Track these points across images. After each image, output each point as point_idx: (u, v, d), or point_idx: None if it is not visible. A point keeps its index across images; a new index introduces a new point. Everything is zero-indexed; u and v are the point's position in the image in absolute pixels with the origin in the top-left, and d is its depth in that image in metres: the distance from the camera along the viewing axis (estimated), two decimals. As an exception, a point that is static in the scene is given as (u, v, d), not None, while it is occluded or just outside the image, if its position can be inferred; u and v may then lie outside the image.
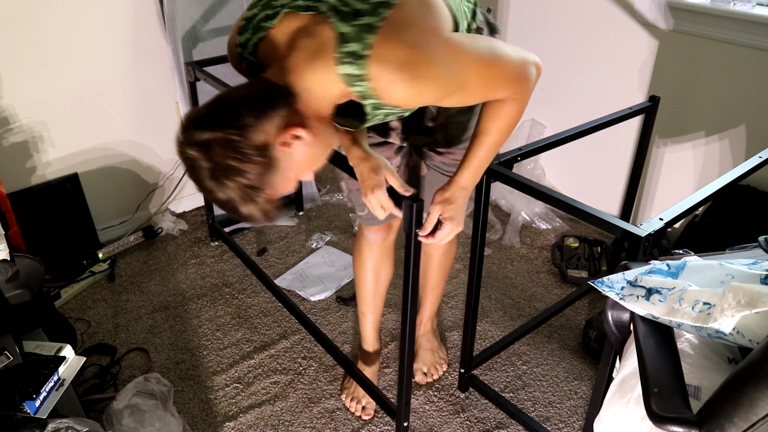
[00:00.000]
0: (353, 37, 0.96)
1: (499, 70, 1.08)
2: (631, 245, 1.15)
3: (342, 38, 0.97)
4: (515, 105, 1.15)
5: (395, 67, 0.96)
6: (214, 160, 0.92)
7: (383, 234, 1.60)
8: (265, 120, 0.95)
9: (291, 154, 0.99)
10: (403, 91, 0.98)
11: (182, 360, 1.93)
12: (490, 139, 1.20)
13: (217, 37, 2.29)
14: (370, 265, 1.66)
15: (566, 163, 2.58)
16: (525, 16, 2.55)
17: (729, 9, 1.89)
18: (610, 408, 0.91)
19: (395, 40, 0.96)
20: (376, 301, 1.73)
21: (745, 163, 1.38)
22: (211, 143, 0.92)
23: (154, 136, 2.46)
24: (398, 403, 1.55)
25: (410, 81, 0.97)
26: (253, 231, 2.57)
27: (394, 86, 0.98)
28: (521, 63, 1.10)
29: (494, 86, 1.10)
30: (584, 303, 2.15)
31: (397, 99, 1.01)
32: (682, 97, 2.12)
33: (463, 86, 1.04)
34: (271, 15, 1.06)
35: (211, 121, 0.94)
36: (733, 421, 0.69)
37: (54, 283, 2.20)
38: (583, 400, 1.79)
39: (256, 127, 0.94)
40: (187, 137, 0.94)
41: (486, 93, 1.12)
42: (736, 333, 0.78)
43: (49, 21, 2.06)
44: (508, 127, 1.19)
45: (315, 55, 0.99)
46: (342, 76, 0.98)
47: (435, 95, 1.03)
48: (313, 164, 1.06)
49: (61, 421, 1.26)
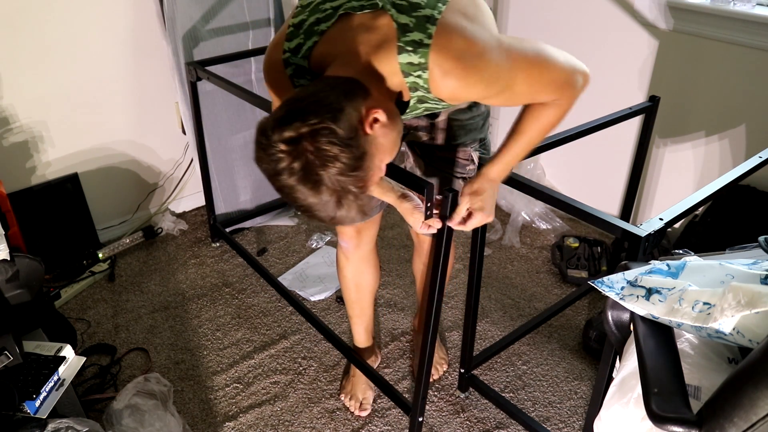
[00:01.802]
0: (415, 26, 0.99)
1: (547, 74, 1.09)
2: (631, 245, 1.15)
3: (403, 28, 1.00)
4: (557, 111, 1.16)
5: (453, 56, 0.99)
6: (306, 155, 0.89)
7: (354, 241, 1.60)
8: (348, 106, 0.94)
9: (374, 138, 0.97)
10: (456, 82, 1.01)
11: (182, 360, 1.93)
12: (525, 138, 1.22)
13: (217, 36, 2.29)
14: (348, 273, 1.68)
15: (566, 163, 2.58)
16: (525, 16, 2.55)
17: (729, 9, 1.89)
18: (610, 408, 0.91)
19: (455, 32, 0.99)
20: (361, 305, 1.75)
21: (745, 163, 1.37)
22: (301, 138, 0.89)
23: (154, 136, 2.46)
24: (414, 399, 1.55)
25: (465, 72, 1.00)
26: (253, 231, 2.57)
27: (448, 77, 1.01)
28: (569, 70, 1.11)
29: (540, 89, 1.11)
30: (584, 303, 2.15)
31: (447, 90, 1.03)
32: (682, 97, 2.12)
33: (510, 86, 1.06)
34: (322, 18, 1.07)
35: (295, 117, 0.91)
36: (733, 421, 0.69)
37: (54, 283, 2.20)
38: (583, 400, 1.79)
39: (342, 114, 0.92)
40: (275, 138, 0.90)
41: (531, 95, 1.13)
42: (736, 333, 0.78)
43: (49, 21, 2.06)
44: (544, 131, 1.20)
45: (377, 48, 1.02)
46: (402, 65, 1.01)
47: (483, 91, 1.05)
48: (393, 148, 1.04)
49: (61, 421, 1.26)
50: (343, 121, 0.91)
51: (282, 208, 2.63)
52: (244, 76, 2.38)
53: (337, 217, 0.95)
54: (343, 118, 0.92)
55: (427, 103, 1.12)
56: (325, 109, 0.91)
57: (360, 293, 1.71)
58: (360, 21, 1.04)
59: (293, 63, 1.12)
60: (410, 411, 1.59)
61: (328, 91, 0.95)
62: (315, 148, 0.89)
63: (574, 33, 2.38)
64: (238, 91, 1.87)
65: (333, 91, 0.95)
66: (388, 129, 1.00)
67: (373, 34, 1.02)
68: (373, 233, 1.62)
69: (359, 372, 1.77)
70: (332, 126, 0.90)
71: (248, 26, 2.35)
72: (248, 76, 2.40)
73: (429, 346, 1.44)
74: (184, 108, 2.31)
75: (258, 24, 2.36)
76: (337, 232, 1.63)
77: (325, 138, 0.89)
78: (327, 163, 0.90)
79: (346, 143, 0.90)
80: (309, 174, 0.90)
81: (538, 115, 1.18)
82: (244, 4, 2.31)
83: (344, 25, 1.06)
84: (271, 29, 2.39)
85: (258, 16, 2.35)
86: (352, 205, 0.94)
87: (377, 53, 1.02)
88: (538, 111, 1.18)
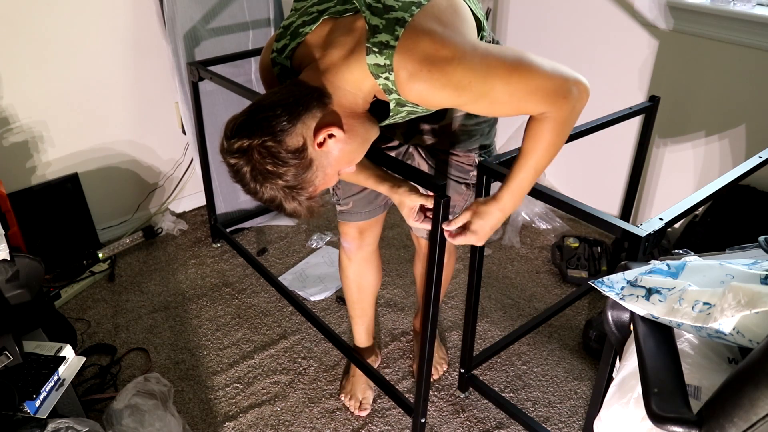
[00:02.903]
0: (384, 28, 1.00)
1: (530, 82, 1.02)
2: (631, 245, 1.15)
3: (374, 30, 1.00)
4: (552, 126, 1.08)
5: (419, 59, 0.99)
6: (254, 164, 0.98)
7: (357, 242, 1.60)
8: (300, 123, 1.00)
9: (327, 152, 1.04)
10: (421, 85, 1.00)
11: (182, 360, 1.93)
12: (530, 162, 1.14)
13: (217, 36, 2.29)
14: (350, 273, 1.67)
15: (566, 163, 2.58)
16: (525, 16, 2.55)
17: (729, 9, 1.89)
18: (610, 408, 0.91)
19: (422, 35, 0.99)
20: (362, 306, 1.74)
21: (745, 163, 1.37)
22: (249, 150, 0.98)
23: (154, 136, 2.46)
24: (416, 400, 1.55)
25: (430, 75, 0.99)
26: (253, 231, 2.57)
27: (414, 80, 1.00)
28: (558, 78, 1.03)
29: (523, 98, 1.04)
30: (584, 303, 2.15)
31: (416, 94, 1.02)
32: (682, 97, 2.12)
33: (487, 93, 1.02)
34: (308, 21, 1.10)
35: (249, 129, 0.99)
36: (733, 421, 0.69)
37: (54, 283, 2.20)
38: (583, 400, 1.79)
39: (291, 132, 0.99)
40: (229, 146, 1.00)
41: (515, 105, 1.06)
42: (736, 333, 0.78)
43: (49, 21, 2.06)
44: (547, 150, 1.12)
45: (351, 51, 1.04)
46: (369, 66, 1.02)
47: (453, 97, 1.02)
48: (351, 159, 1.10)
49: (61, 421, 1.26)
50: (293, 137, 0.99)
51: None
52: (245, 76, 2.38)
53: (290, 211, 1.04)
54: (292, 135, 0.99)
55: (407, 106, 1.11)
56: (273, 127, 0.98)
57: (362, 294, 1.71)
58: (340, 24, 1.07)
59: (279, 63, 1.16)
60: (412, 412, 1.59)
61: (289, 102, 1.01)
62: (261, 162, 0.98)
63: (574, 33, 2.38)
64: (240, 91, 1.87)
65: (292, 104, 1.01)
66: (343, 143, 1.05)
67: (348, 36, 1.05)
68: (376, 234, 1.62)
69: (359, 372, 1.77)
70: (276, 146, 0.98)
71: (248, 26, 2.35)
72: (248, 76, 2.40)
73: (429, 346, 1.44)
74: (185, 108, 2.31)
75: (258, 24, 2.36)
76: (339, 233, 1.63)
77: (269, 155, 0.98)
78: (270, 177, 0.99)
79: (289, 161, 0.99)
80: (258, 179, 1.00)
81: (534, 134, 1.11)
82: (244, 4, 2.31)
83: (326, 28, 1.09)
84: (271, 29, 2.39)
85: (258, 16, 2.35)
86: (304, 203, 1.04)
87: (350, 56, 1.04)
88: (534, 128, 1.11)
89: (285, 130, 0.98)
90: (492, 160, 1.39)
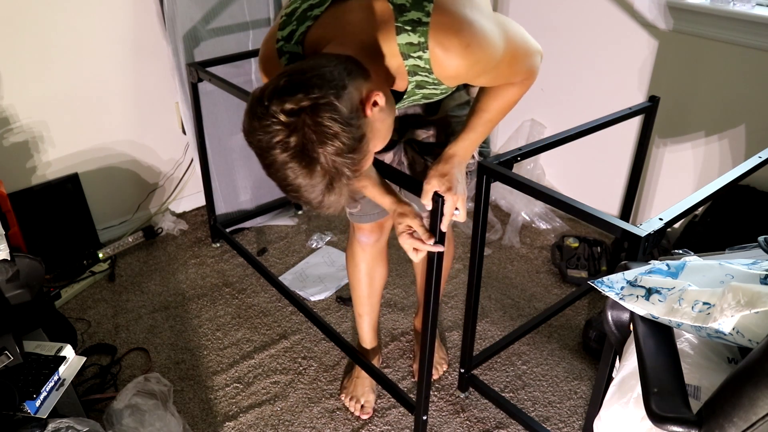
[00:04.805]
0: (411, 5, 0.98)
1: (528, 59, 1.13)
2: (631, 245, 1.15)
3: (400, 9, 0.98)
4: (520, 89, 1.19)
5: (455, 33, 0.98)
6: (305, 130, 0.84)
7: (375, 236, 1.60)
8: (350, 84, 0.90)
9: (372, 122, 0.94)
10: (458, 59, 1.00)
11: (182, 360, 1.93)
12: (488, 116, 1.23)
13: (217, 36, 2.29)
14: (364, 267, 1.66)
15: (566, 163, 2.58)
16: (524, 16, 2.55)
17: (729, 9, 1.89)
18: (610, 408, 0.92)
19: (452, 9, 0.99)
20: (371, 302, 1.74)
21: (745, 163, 1.37)
22: (302, 110, 0.84)
23: (154, 136, 2.46)
24: (418, 397, 1.55)
25: (467, 49, 0.99)
26: (253, 231, 2.57)
27: (450, 54, 0.99)
28: (537, 52, 1.16)
29: (516, 71, 1.13)
30: (584, 303, 2.15)
31: (453, 69, 1.02)
32: (682, 97, 2.12)
33: (497, 65, 1.06)
34: (315, 4, 1.05)
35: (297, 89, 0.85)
36: (733, 421, 0.69)
37: (54, 283, 2.20)
38: (583, 400, 1.79)
39: (345, 92, 0.88)
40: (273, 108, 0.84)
41: (508, 76, 1.14)
42: (736, 333, 0.79)
43: (49, 21, 2.06)
44: (506, 108, 1.22)
45: (375, 30, 1.00)
46: (401, 46, 1.00)
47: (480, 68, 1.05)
48: (387, 134, 1.02)
49: (62, 421, 1.26)
50: (345, 99, 0.87)
51: (282, 208, 2.63)
52: (244, 76, 2.38)
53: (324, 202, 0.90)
54: (346, 97, 0.88)
55: (426, 89, 1.11)
56: (329, 85, 0.86)
57: (372, 288, 1.70)
58: (355, 5, 1.02)
59: (287, 51, 1.08)
60: (414, 410, 1.59)
61: (331, 66, 0.90)
62: (315, 123, 0.84)
63: (574, 33, 2.38)
64: (238, 93, 1.87)
65: (336, 68, 0.90)
66: (385, 114, 0.97)
67: (369, 16, 1.00)
68: (390, 227, 1.60)
69: (364, 374, 1.75)
70: (336, 102, 0.85)
71: (248, 26, 2.35)
72: (248, 76, 2.40)
73: (429, 341, 1.44)
74: (185, 108, 2.31)
75: (258, 24, 2.36)
76: (355, 228, 1.61)
77: (327, 114, 0.84)
78: (326, 140, 0.85)
79: (347, 122, 0.86)
80: (305, 151, 0.85)
81: (503, 94, 1.19)
82: (244, 4, 2.31)
83: (338, 9, 1.04)
84: (271, 29, 2.39)
85: (258, 16, 2.35)
86: (344, 189, 0.89)
87: (375, 36, 1.00)
88: (503, 89, 1.19)
89: (345, 86, 0.88)
90: (492, 160, 1.39)
